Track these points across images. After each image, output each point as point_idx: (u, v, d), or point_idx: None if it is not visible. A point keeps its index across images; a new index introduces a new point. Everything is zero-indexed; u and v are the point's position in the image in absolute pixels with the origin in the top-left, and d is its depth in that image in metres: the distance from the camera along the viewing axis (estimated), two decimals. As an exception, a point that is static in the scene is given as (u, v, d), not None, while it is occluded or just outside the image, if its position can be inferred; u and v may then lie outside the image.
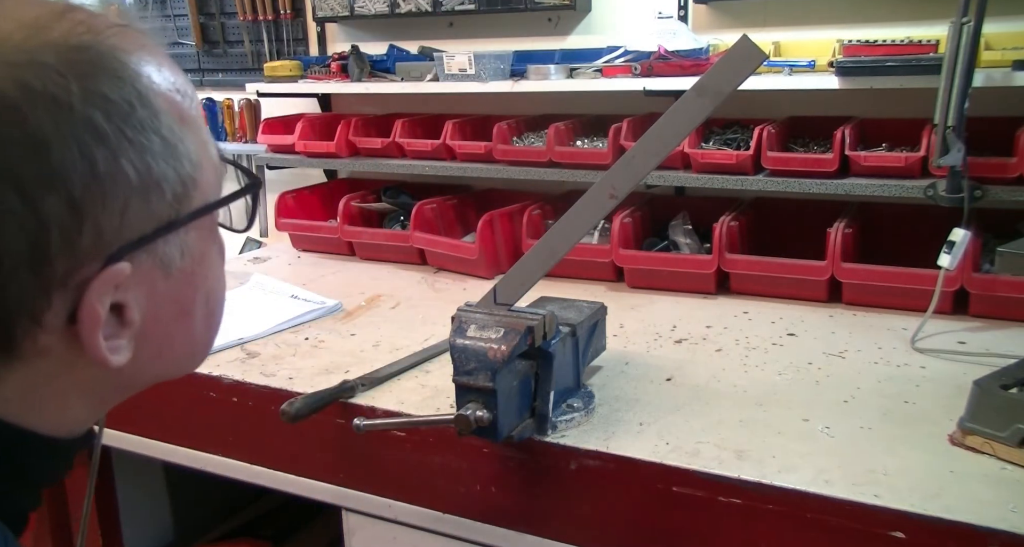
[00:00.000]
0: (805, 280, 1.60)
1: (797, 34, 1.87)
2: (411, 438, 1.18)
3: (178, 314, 0.61)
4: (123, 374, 0.59)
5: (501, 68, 1.96)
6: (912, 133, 1.66)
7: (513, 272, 1.12)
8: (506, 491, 1.13)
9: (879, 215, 1.77)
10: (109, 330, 0.56)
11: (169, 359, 0.63)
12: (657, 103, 1.86)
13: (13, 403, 0.56)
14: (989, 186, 1.50)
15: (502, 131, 1.94)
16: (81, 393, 0.59)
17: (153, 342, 0.60)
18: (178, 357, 0.64)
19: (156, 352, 0.61)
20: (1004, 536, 0.86)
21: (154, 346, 0.60)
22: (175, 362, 0.64)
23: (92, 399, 0.60)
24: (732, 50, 0.99)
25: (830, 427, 1.10)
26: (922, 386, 1.22)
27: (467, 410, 0.99)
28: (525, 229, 1.85)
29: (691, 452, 1.04)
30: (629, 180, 1.06)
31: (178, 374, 0.66)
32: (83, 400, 0.59)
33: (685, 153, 1.73)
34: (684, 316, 1.57)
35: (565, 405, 1.13)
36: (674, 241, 1.83)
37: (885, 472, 0.98)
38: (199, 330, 0.64)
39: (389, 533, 1.24)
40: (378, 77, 2.16)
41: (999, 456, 0.99)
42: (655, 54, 1.79)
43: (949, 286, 1.46)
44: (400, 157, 2.12)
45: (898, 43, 1.62)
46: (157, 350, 0.61)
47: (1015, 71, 1.46)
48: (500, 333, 1.00)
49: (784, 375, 1.28)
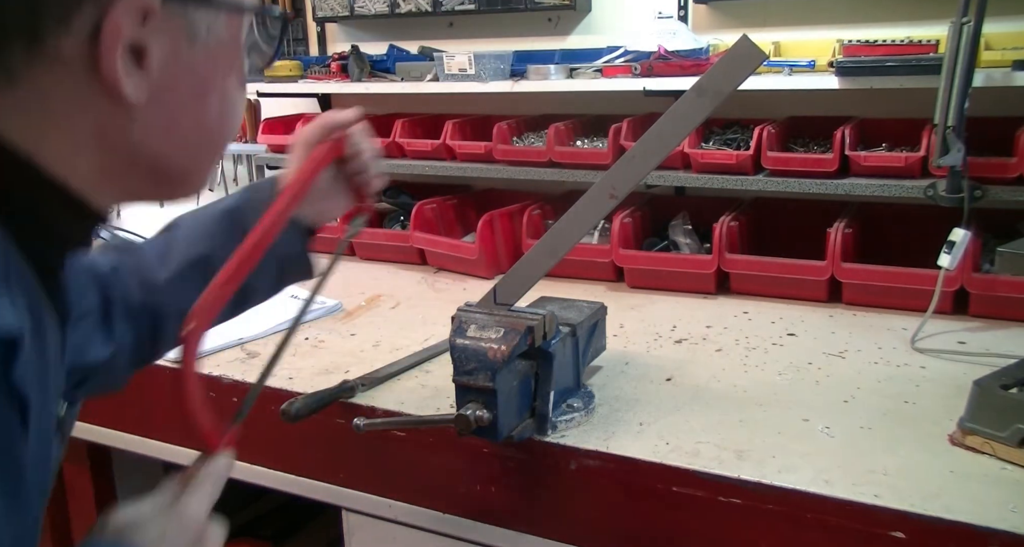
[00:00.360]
0: (805, 280, 1.60)
1: (797, 34, 1.87)
2: (411, 438, 1.18)
3: (194, 91, 0.64)
4: (131, 132, 0.61)
5: (501, 68, 1.96)
6: (912, 133, 1.66)
7: (513, 272, 1.12)
8: (506, 491, 1.13)
9: (879, 215, 1.77)
10: (127, 65, 0.58)
11: (176, 140, 0.65)
12: (657, 103, 1.86)
13: (24, 117, 0.58)
14: (989, 186, 1.50)
15: (502, 131, 1.94)
16: (89, 137, 0.60)
17: (165, 111, 0.62)
18: (184, 142, 0.66)
19: (165, 125, 0.63)
20: (1004, 536, 0.86)
21: (165, 116, 0.63)
22: (180, 147, 0.65)
23: (99, 152, 0.61)
24: (732, 50, 0.99)
25: (830, 427, 1.10)
26: (922, 386, 1.22)
27: (467, 410, 0.99)
28: (525, 229, 1.85)
29: (691, 452, 1.04)
30: (629, 180, 1.07)
31: (177, 175, 0.68)
32: (90, 149, 0.61)
33: (685, 153, 1.73)
34: (684, 316, 1.57)
35: (565, 405, 1.13)
36: (674, 241, 1.83)
37: (885, 472, 0.98)
38: (211, 123, 0.67)
39: (389, 533, 1.24)
40: (378, 77, 2.16)
41: (999, 456, 0.99)
42: (655, 54, 1.79)
43: (949, 286, 1.46)
44: (400, 157, 2.12)
45: (898, 43, 1.62)
46: (167, 122, 0.63)
47: (1015, 71, 1.47)
48: (500, 333, 1.00)
49: (784, 375, 1.28)
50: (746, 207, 1.82)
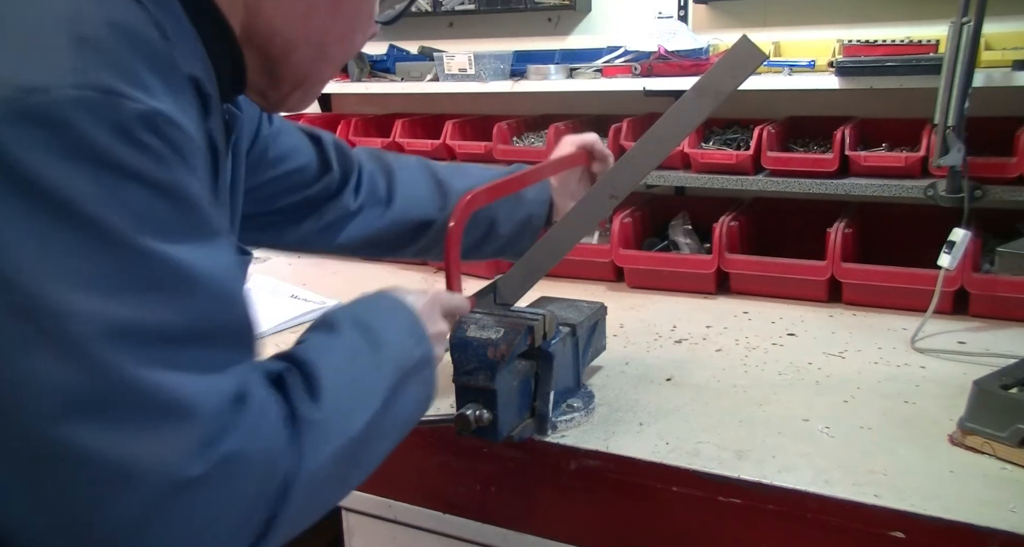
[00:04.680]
0: (805, 280, 1.60)
1: (797, 34, 1.87)
2: (411, 438, 1.17)
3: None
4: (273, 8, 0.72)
5: (501, 68, 1.96)
6: (912, 133, 1.66)
7: (513, 272, 1.12)
8: (506, 491, 1.13)
9: (879, 215, 1.77)
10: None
11: (303, 32, 0.74)
12: (657, 103, 1.86)
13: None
14: (989, 186, 1.50)
15: (502, 131, 1.94)
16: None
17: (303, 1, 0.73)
18: (307, 41, 0.75)
19: (302, 11, 0.73)
20: (1004, 536, 0.86)
21: (303, 3, 0.73)
22: (303, 43, 0.75)
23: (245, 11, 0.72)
24: (732, 50, 0.99)
25: (830, 427, 1.10)
26: (922, 386, 1.22)
27: (467, 410, 0.99)
28: (525, 229, 1.84)
29: (691, 452, 1.04)
30: (629, 180, 1.07)
31: (290, 75, 0.77)
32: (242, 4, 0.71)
33: (685, 153, 1.73)
34: (684, 316, 1.57)
35: (565, 405, 1.13)
36: (674, 241, 1.83)
37: (885, 472, 0.98)
38: (335, 32, 0.76)
39: (389, 533, 1.24)
40: (378, 77, 2.16)
41: (999, 456, 1.00)
42: (655, 54, 1.79)
43: (949, 286, 1.46)
44: (400, 157, 2.11)
45: (898, 43, 1.62)
46: (305, 9, 0.73)
47: (1015, 71, 1.46)
48: (500, 333, 1.00)
49: (784, 375, 1.28)
50: (746, 207, 1.82)
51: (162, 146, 0.58)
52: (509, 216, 1.22)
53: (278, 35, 0.74)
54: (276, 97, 0.80)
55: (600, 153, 1.25)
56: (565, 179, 1.26)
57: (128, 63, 0.58)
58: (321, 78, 0.81)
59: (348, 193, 1.15)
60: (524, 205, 1.23)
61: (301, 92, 0.81)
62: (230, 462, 0.58)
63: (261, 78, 0.77)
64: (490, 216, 1.20)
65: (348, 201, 1.15)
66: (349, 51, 0.81)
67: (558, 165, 1.21)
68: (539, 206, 1.24)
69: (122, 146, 0.56)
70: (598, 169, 1.26)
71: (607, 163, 1.26)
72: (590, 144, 1.24)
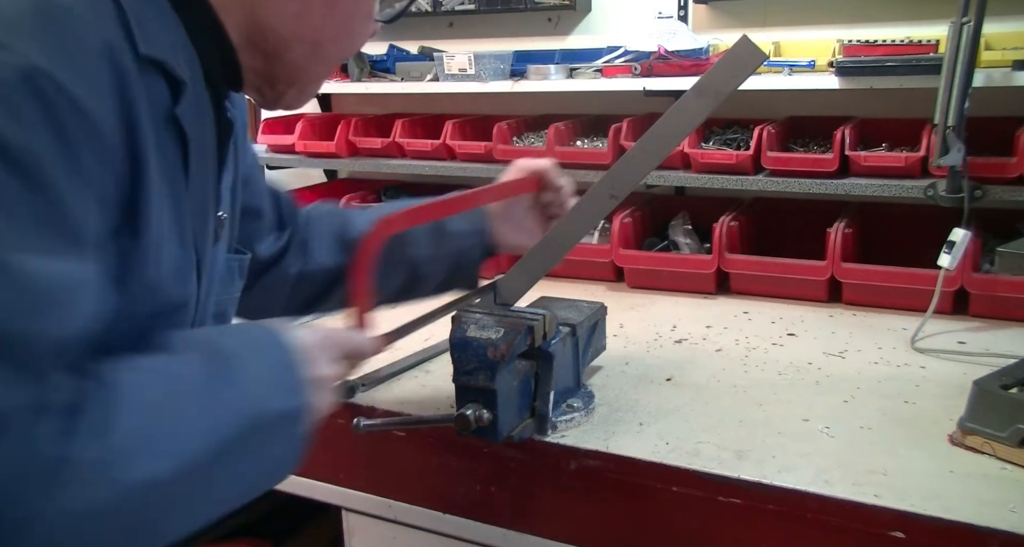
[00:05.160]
0: (805, 280, 1.60)
1: (797, 34, 1.87)
2: (411, 438, 1.18)
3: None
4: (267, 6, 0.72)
5: (501, 68, 1.96)
6: (912, 133, 1.66)
7: (513, 272, 1.12)
8: (506, 491, 1.13)
9: (879, 215, 1.77)
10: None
11: (298, 30, 0.74)
12: (657, 103, 1.86)
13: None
14: (989, 186, 1.50)
15: (502, 131, 1.93)
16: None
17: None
18: (302, 39, 0.75)
19: (295, 11, 0.73)
20: (1004, 536, 0.86)
21: (297, 2, 0.73)
22: (298, 41, 0.75)
23: (243, 10, 0.72)
24: (732, 50, 0.99)
25: (830, 427, 1.10)
26: (922, 386, 1.22)
27: (467, 410, 0.99)
28: (525, 229, 1.84)
29: (691, 452, 1.04)
30: (629, 180, 1.06)
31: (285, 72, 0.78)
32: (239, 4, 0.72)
33: (685, 153, 1.73)
34: (684, 316, 1.57)
35: (565, 405, 1.13)
36: (674, 241, 1.83)
37: (885, 472, 0.98)
38: (331, 31, 0.76)
39: (389, 533, 1.24)
40: (378, 77, 2.16)
41: (999, 456, 0.99)
42: (655, 54, 1.79)
43: (949, 286, 1.46)
44: (400, 157, 2.12)
45: (898, 43, 1.62)
46: (298, 8, 0.73)
47: (1015, 71, 1.46)
48: (500, 333, 1.00)
49: (784, 375, 1.28)
50: (746, 207, 1.82)
51: (29, 105, 0.53)
52: (433, 254, 1.09)
53: (272, 33, 0.74)
54: (272, 95, 0.80)
55: (551, 183, 1.14)
56: (509, 207, 1.15)
57: (18, 20, 0.55)
58: (317, 76, 0.81)
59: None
60: (447, 239, 1.10)
61: (297, 90, 0.81)
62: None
63: (257, 76, 0.77)
64: (407, 256, 1.08)
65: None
66: (347, 50, 0.81)
67: (500, 191, 1.10)
68: (468, 239, 1.11)
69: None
70: (549, 198, 1.15)
71: (560, 194, 1.15)
72: (541, 171, 1.13)
